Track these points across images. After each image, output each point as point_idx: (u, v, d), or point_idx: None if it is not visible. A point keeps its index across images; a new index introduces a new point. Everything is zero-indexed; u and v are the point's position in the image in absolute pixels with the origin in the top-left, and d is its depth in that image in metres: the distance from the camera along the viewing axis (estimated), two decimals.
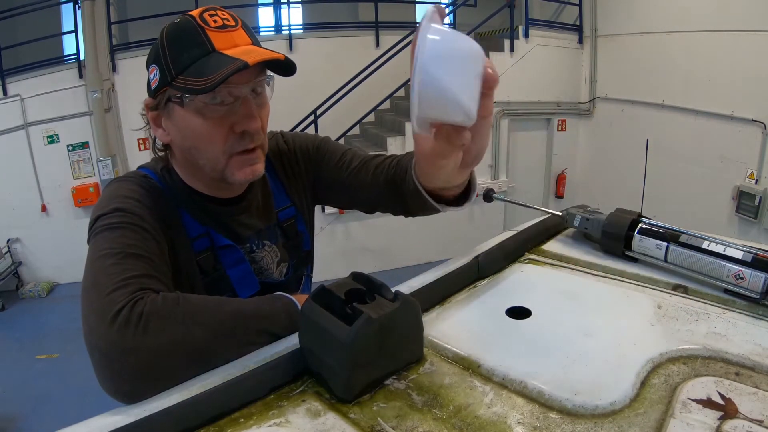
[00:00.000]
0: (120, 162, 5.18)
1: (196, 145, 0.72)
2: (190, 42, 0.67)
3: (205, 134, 0.70)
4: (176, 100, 0.69)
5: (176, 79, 0.67)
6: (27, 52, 4.99)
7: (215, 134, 0.70)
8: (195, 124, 0.69)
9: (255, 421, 0.47)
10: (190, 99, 0.68)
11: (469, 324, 0.64)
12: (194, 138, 0.71)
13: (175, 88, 0.68)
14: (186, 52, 0.66)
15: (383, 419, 0.47)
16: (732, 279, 0.68)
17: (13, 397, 3.38)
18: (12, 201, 5.09)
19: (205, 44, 0.66)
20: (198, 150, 0.72)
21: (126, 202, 0.69)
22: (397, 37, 5.26)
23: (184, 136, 0.72)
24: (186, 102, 0.68)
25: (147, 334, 0.54)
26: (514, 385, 0.51)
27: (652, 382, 0.51)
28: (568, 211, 0.90)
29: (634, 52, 5.19)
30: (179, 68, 0.67)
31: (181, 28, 0.68)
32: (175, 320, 0.56)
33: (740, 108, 4.15)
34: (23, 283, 5.27)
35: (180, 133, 0.72)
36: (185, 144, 0.73)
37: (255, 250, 0.87)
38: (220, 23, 0.68)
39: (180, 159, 0.78)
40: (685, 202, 4.66)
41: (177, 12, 0.75)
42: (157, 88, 0.70)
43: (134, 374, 0.53)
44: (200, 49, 0.66)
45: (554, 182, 6.15)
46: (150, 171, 0.81)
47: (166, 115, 0.72)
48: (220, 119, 0.69)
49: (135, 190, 0.73)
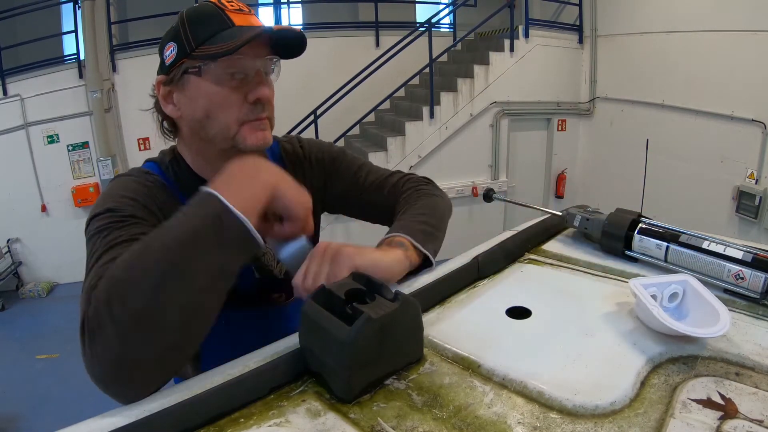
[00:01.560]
0: (120, 162, 5.18)
1: (209, 113, 0.74)
2: (211, 19, 0.72)
3: (220, 101, 0.73)
4: (193, 70, 0.73)
5: (196, 50, 0.71)
6: (27, 52, 4.99)
7: (231, 101, 0.73)
8: (211, 92, 0.73)
9: (255, 421, 0.47)
10: (207, 67, 0.72)
11: (469, 324, 0.64)
12: (209, 106, 0.73)
13: (194, 58, 0.72)
14: (207, 26, 0.72)
15: (383, 419, 0.47)
16: (732, 279, 0.68)
17: (13, 397, 3.38)
18: (12, 201, 5.09)
19: (225, 21, 0.72)
20: (210, 119, 0.74)
21: (120, 201, 0.70)
22: (397, 37, 5.26)
23: (197, 106, 0.74)
24: (203, 70, 0.72)
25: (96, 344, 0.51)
26: (514, 385, 0.51)
27: (652, 382, 0.51)
28: (568, 211, 0.90)
29: (634, 52, 5.19)
30: (200, 40, 0.71)
31: (202, 8, 0.74)
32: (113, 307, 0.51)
33: (740, 108, 4.15)
34: (23, 283, 5.27)
35: (192, 105, 0.75)
36: (197, 115, 0.75)
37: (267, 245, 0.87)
38: (237, 7, 0.74)
39: (188, 138, 0.80)
40: (685, 202, 4.66)
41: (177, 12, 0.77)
42: (173, 63, 0.74)
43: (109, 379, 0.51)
44: (222, 24, 0.72)
45: (554, 182, 6.15)
46: (155, 165, 0.82)
47: (179, 89, 0.75)
48: (234, 88, 0.73)
49: (132, 187, 0.74)
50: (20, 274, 5.27)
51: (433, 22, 5.30)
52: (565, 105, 5.81)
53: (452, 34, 6.13)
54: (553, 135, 5.96)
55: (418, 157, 5.07)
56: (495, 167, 5.58)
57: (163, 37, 0.77)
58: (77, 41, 4.98)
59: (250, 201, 0.59)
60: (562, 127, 5.95)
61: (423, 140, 5.06)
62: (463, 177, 5.41)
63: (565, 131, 5.98)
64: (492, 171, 5.59)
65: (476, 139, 5.35)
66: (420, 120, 5.04)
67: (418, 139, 5.04)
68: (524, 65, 5.33)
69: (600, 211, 0.87)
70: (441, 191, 0.95)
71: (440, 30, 6.05)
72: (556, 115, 5.86)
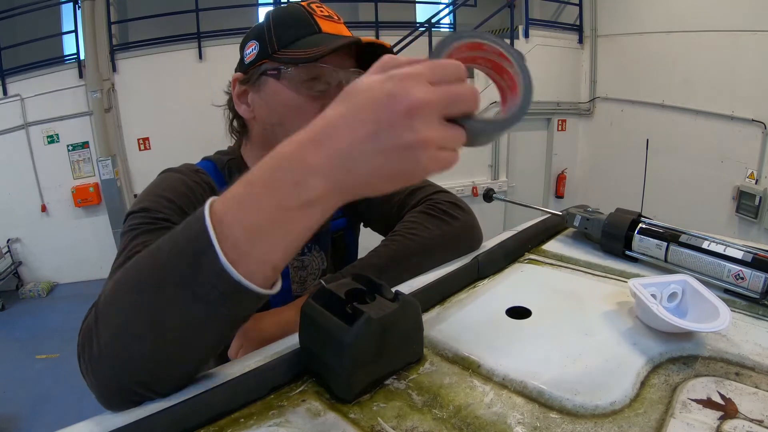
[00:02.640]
0: (120, 162, 5.19)
1: (282, 119, 0.71)
2: (299, 22, 0.69)
3: (295, 108, 0.69)
4: (272, 72, 0.70)
5: (278, 52, 0.69)
6: (27, 52, 5.00)
7: (306, 110, 0.69)
8: (287, 98, 0.70)
9: (255, 421, 0.47)
10: (287, 71, 0.69)
11: (469, 324, 0.63)
12: (283, 112, 0.70)
13: (276, 61, 0.69)
14: (294, 29, 0.69)
15: (383, 419, 0.47)
16: (732, 279, 0.68)
17: (13, 397, 3.38)
18: (12, 201, 5.09)
19: (313, 26, 0.69)
20: (283, 126, 0.71)
21: (157, 201, 0.67)
22: (397, 37, 5.26)
23: (271, 110, 0.72)
24: (283, 74, 0.69)
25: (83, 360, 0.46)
26: (514, 385, 0.51)
27: (652, 382, 0.51)
28: (568, 211, 0.90)
29: (634, 52, 5.19)
30: (284, 42, 0.69)
31: (290, 10, 0.71)
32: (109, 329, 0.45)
33: (740, 108, 4.16)
34: (23, 283, 5.27)
35: (267, 108, 0.72)
36: (271, 119, 0.72)
37: (305, 253, 0.84)
38: (327, 14, 0.71)
39: (257, 140, 0.76)
40: (685, 202, 4.67)
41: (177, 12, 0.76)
42: (252, 62, 0.71)
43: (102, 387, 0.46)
44: (308, 29, 0.69)
45: (554, 182, 6.15)
46: (210, 164, 0.78)
47: (255, 90, 0.73)
48: (313, 97, 0.69)
49: (174, 186, 0.70)
50: (20, 274, 5.27)
51: (433, 22, 5.31)
52: (565, 105, 5.82)
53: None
54: (553, 135, 5.96)
55: None
56: (495, 167, 5.58)
57: (247, 34, 0.75)
58: (77, 41, 4.99)
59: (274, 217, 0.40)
60: (562, 127, 5.96)
61: None
62: (463, 177, 5.41)
63: (565, 131, 5.99)
64: (492, 171, 5.60)
65: None
66: None
67: None
68: None
69: (600, 211, 0.87)
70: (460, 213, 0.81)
71: (440, 30, 6.05)
72: (556, 115, 5.86)
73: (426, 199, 0.83)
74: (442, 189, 0.86)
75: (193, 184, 0.72)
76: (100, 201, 5.19)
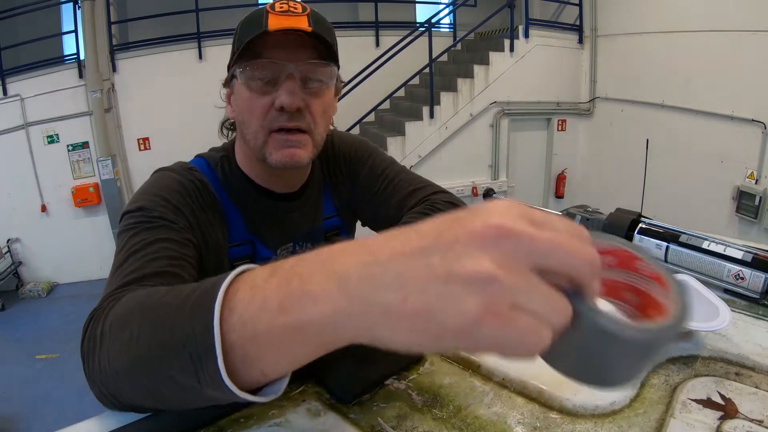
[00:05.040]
0: (120, 162, 5.19)
1: (243, 118, 0.75)
2: (252, 23, 0.71)
3: (248, 106, 0.72)
4: (234, 74, 0.74)
5: (236, 54, 0.72)
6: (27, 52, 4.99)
7: (256, 106, 0.72)
8: (243, 97, 0.73)
9: (255, 421, 0.47)
10: (238, 72, 0.72)
11: None
12: (241, 110, 0.74)
13: (234, 63, 0.73)
14: (247, 30, 0.71)
15: (383, 419, 0.47)
16: (732, 279, 0.68)
17: (13, 397, 3.38)
18: (12, 201, 5.09)
19: (261, 25, 0.69)
20: (244, 123, 0.75)
21: (152, 200, 0.68)
22: (397, 37, 5.26)
23: (238, 110, 0.75)
24: (238, 76, 0.72)
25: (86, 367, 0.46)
26: (514, 385, 0.51)
27: (652, 382, 0.51)
28: (568, 211, 0.90)
29: (634, 52, 5.19)
30: (237, 46, 0.72)
31: (254, 13, 0.73)
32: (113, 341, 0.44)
33: (740, 108, 4.16)
34: (23, 283, 5.27)
35: (237, 108, 0.76)
36: (239, 118, 0.76)
37: (297, 251, 0.85)
38: (286, 8, 0.71)
39: (239, 139, 0.80)
40: (685, 202, 4.67)
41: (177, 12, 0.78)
42: (228, 65, 0.76)
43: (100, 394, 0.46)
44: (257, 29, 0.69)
45: (554, 182, 6.15)
46: (203, 161, 0.81)
47: (233, 92, 0.77)
48: (262, 93, 0.71)
49: (168, 185, 0.71)
50: (20, 274, 5.27)
51: (433, 22, 5.31)
52: (565, 105, 5.82)
53: (452, 34, 6.13)
54: (553, 135, 5.96)
55: (418, 157, 5.08)
56: (495, 167, 5.58)
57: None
58: (77, 41, 4.98)
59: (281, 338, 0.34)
60: (562, 127, 5.96)
61: (423, 140, 5.06)
62: (463, 177, 5.41)
63: (565, 131, 5.99)
64: (492, 171, 5.60)
65: (476, 139, 5.36)
66: (420, 120, 5.04)
67: (418, 139, 5.04)
68: (524, 65, 5.33)
69: (600, 211, 0.87)
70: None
71: (440, 30, 6.05)
72: (556, 115, 5.86)
73: (425, 199, 0.83)
74: (441, 189, 0.86)
75: (187, 182, 0.73)
76: (100, 201, 5.19)
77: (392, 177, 0.87)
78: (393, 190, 0.86)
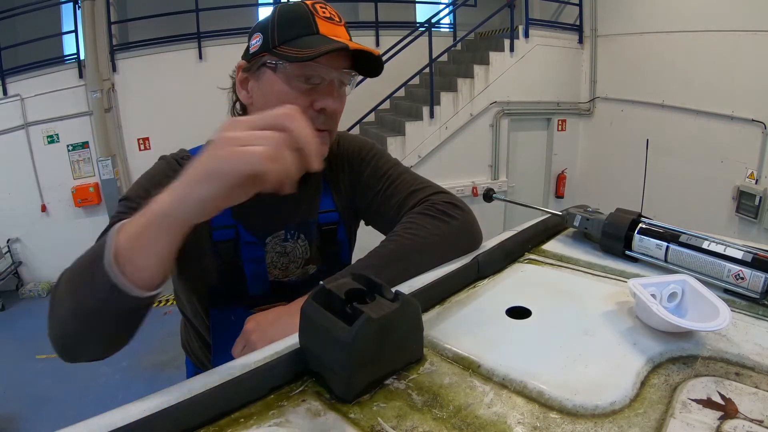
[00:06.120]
0: (120, 162, 5.19)
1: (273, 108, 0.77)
2: (300, 21, 0.74)
3: (285, 100, 0.74)
4: (270, 65, 0.75)
5: (278, 47, 0.74)
6: (27, 52, 4.99)
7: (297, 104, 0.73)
8: (280, 90, 0.75)
9: (255, 421, 0.47)
10: (283, 66, 0.74)
11: (469, 324, 0.64)
12: (275, 102, 0.75)
13: (275, 55, 0.74)
14: (294, 27, 0.74)
15: (383, 419, 0.47)
16: (732, 279, 0.68)
17: (13, 397, 3.38)
18: (12, 201, 5.09)
19: (312, 26, 0.74)
20: None
21: (137, 191, 0.76)
22: (397, 37, 5.26)
23: (266, 100, 0.77)
24: (279, 68, 0.74)
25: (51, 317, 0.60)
26: (514, 385, 0.51)
27: (652, 382, 0.51)
28: (568, 211, 0.90)
29: (634, 52, 5.19)
30: (283, 39, 0.74)
31: (294, 8, 0.76)
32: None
33: (740, 108, 4.16)
34: (23, 283, 5.27)
35: (263, 96, 0.77)
36: (265, 107, 0.76)
37: (288, 240, 0.88)
38: (328, 15, 0.76)
39: None
40: (685, 202, 4.67)
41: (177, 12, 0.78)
42: (255, 53, 0.77)
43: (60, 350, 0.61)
44: (307, 29, 0.73)
45: (554, 182, 6.15)
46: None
47: (255, 78, 0.78)
48: (304, 92, 0.75)
49: (157, 177, 0.78)
50: (20, 274, 5.27)
51: (433, 22, 5.31)
52: (565, 105, 5.82)
53: (452, 34, 6.13)
54: (553, 135, 5.96)
55: (418, 157, 5.08)
56: (495, 167, 5.58)
57: (255, 25, 0.80)
58: (77, 41, 4.98)
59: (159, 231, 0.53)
60: (562, 127, 5.96)
61: (423, 140, 5.06)
62: (463, 177, 5.41)
63: (565, 131, 5.98)
64: (492, 171, 5.60)
65: (476, 139, 5.35)
66: (420, 120, 5.04)
67: (418, 139, 5.04)
68: (524, 65, 5.33)
69: (600, 211, 0.87)
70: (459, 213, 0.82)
71: (440, 30, 6.05)
72: (556, 115, 5.86)
73: (425, 199, 0.84)
74: (441, 189, 0.87)
75: (171, 173, 0.78)
76: (100, 201, 5.19)
77: (394, 178, 0.89)
78: (394, 190, 0.88)
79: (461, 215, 0.82)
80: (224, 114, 0.85)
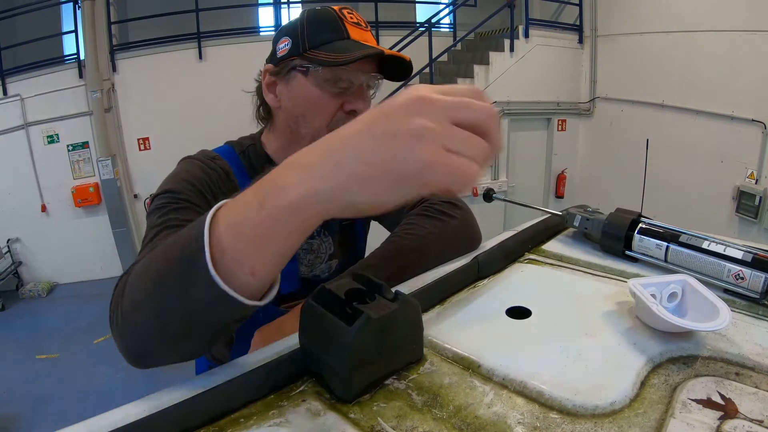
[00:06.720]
0: (120, 162, 5.19)
1: (305, 113, 0.77)
2: (330, 26, 0.75)
3: (317, 104, 0.75)
4: (301, 69, 0.76)
5: (309, 51, 0.74)
6: (27, 52, 5.00)
7: (327, 106, 0.76)
8: (312, 94, 0.76)
9: (255, 421, 0.47)
10: (315, 71, 0.74)
11: (469, 324, 0.63)
12: (306, 106, 0.76)
13: (306, 59, 0.75)
14: (325, 32, 0.75)
15: (383, 419, 0.47)
16: (732, 279, 0.68)
17: (13, 397, 3.38)
18: (12, 201, 5.10)
19: (342, 31, 0.75)
20: (305, 119, 0.77)
21: (180, 183, 0.73)
22: (397, 37, 5.26)
23: (296, 103, 0.77)
24: (311, 72, 0.75)
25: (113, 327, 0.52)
26: (514, 385, 0.51)
27: (652, 382, 0.51)
28: (568, 211, 0.90)
29: (634, 52, 5.19)
30: (314, 43, 0.74)
31: (323, 13, 0.77)
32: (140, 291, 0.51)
33: (740, 108, 4.16)
34: (23, 283, 5.27)
35: (292, 101, 0.78)
36: (295, 111, 0.78)
37: (315, 236, 0.89)
38: (356, 20, 0.78)
39: (281, 127, 0.82)
40: (685, 202, 4.67)
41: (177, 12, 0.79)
42: (284, 57, 0.77)
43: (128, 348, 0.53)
44: (338, 34, 0.75)
45: (554, 182, 6.15)
46: (230, 148, 0.84)
47: (284, 82, 0.78)
48: (334, 96, 0.76)
49: (192, 171, 0.76)
50: (20, 274, 5.27)
51: (433, 22, 5.31)
52: (565, 105, 5.82)
53: (452, 34, 6.14)
54: (553, 135, 5.96)
55: None
56: (495, 167, 5.58)
57: (280, 29, 0.80)
58: (77, 41, 4.99)
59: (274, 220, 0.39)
60: (562, 127, 5.96)
61: None
62: None
63: (565, 131, 5.99)
64: (492, 171, 5.60)
65: None
66: None
67: None
68: (524, 65, 5.33)
69: (600, 211, 0.87)
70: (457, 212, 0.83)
71: (440, 30, 6.05)
72: (556, 115, 5.87)
73: (424, 200, 0.86)
74: None
75: (209, 170, 0.77)
76: (100, 201, 5.20)
77: None
78: None
79: (460, 214, 0.84)
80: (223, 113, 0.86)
